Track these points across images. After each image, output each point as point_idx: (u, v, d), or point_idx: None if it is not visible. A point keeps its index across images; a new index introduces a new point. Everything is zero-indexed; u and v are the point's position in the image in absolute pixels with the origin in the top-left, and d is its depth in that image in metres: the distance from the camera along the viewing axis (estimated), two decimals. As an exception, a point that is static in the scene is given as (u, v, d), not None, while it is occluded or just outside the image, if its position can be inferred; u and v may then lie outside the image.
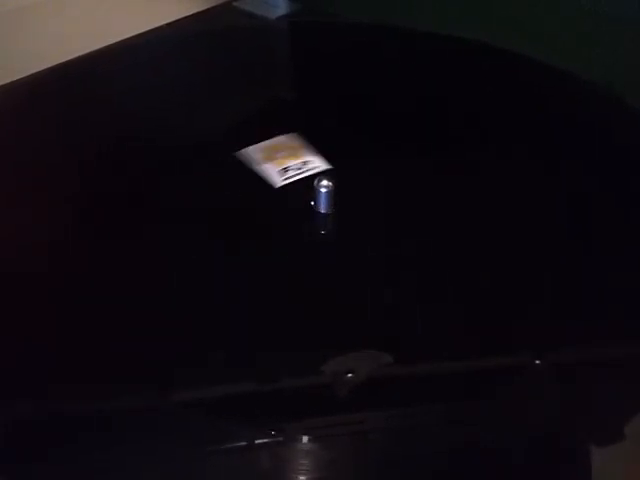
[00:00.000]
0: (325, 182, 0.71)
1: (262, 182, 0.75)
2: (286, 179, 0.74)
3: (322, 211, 0.71)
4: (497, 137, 0.84)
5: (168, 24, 1.22)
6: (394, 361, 0.60)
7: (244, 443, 0.55)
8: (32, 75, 0.96)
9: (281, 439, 0.56)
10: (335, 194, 0.71)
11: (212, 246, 0.70)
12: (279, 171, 0.75)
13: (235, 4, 1.34)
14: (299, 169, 0.75)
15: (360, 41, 1.01)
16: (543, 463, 0.54)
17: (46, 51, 1.00)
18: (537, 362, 0.61)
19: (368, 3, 1.30)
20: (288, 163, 0.76)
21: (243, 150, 0.78)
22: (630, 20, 1.01)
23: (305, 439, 0.55)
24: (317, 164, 0.76)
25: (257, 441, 0.55)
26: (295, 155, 0.77)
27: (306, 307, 0.65)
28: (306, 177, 0.75)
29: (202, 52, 1.01)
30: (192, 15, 1.27)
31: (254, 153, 0.78)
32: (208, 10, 1.30)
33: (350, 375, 0.60)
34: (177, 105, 0.91)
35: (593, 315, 0.64)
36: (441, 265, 0.68)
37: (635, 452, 0.56)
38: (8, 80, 0.96)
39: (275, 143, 0.79)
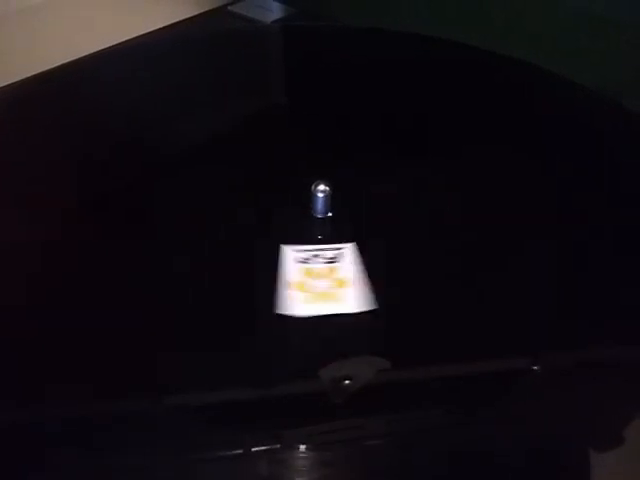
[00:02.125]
0: (322, 187, 0.70)
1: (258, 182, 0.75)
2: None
3: (319, 216, 0.71)
4: (495, 141, 0.84)
5: (163, 28, 1.22)
6: (391, 367, 0.60)
7: (242, 450, 0.55)
8: (28, 78, 0.96)
9: (279, 446, 0.55)
10: (332, 199, 0.71)
11: (206, 247, 0.70)
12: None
13: (230, 8, 1.35)
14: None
15: (355, 45, 1.01)
16: (543, 467, 0.54)
17: (43, 54, 1.00)
18: (535, 367, 0.61)
19: (363, 7, 1.30)
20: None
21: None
22: (628, 21, 1.01)
23: (302, 446, 0.55)
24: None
25: (255, 448, 0.55)
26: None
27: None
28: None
29: (197, 55, 1.01)
30: (187, 19, 1.27)
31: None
32: (203, 14, 1.30)
33: (348, 382, 0.59)
34: (171, 107, 0.91)
35: (591, 319, 0.64)
36: (439, 270, 0.68)
37: (634, 454, 0.56)
38: (5, 82, 0.96)
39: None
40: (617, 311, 0.65)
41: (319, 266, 0.66)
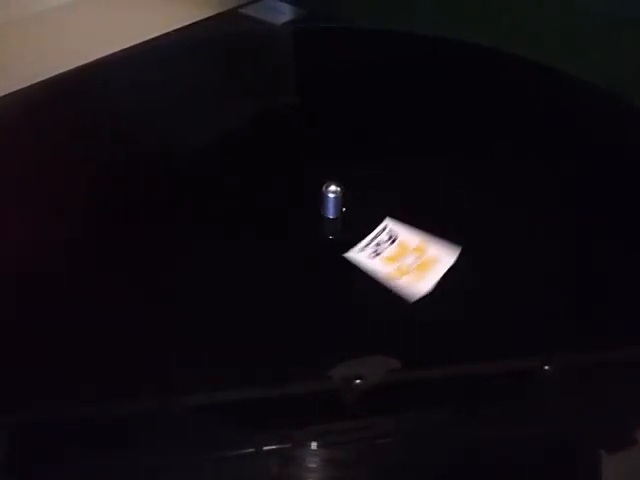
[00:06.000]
0: (333, 187, 0.71)
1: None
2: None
3: (330, 216, 0.71)
4: (502, 140, 0.84)
5: (175, 31, 1.23)
6: (402, 366, 0.60)
7: (252, 449, 0.55)
8: (38, 83, 0.97)
9: (289, 445, 0.56)
10: (343, 200, 0.71)
11: (216, 248, 0.70)
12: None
13: (241, 11, 1.35)
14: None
15: (365, 47, 1.01)
16: (552, 468, 0.54)
17: (56, 58, 1.01)
18: (546, 367, 0.61)
19: (373, 7, 1.30)
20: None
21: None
22: (630, 20, 1.01)
23: (313, 445, 0.55)
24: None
25: (265, 447, 0.55)
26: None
27: (314, 311, 0.65)
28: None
29: (208, 59, 1.02)
30: (198, 22, 1.27)
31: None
32: (214, 17, 1.30)
33: (358, 381, 0.59)
34: (183, 111, 0.91)
35: (600, 319, 0.64)
36: (447, 270, 0.68)
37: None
38: (16, 88, 0.97)
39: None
40: (626, 311, 0.65)
41: (390, 250, 0.67)
